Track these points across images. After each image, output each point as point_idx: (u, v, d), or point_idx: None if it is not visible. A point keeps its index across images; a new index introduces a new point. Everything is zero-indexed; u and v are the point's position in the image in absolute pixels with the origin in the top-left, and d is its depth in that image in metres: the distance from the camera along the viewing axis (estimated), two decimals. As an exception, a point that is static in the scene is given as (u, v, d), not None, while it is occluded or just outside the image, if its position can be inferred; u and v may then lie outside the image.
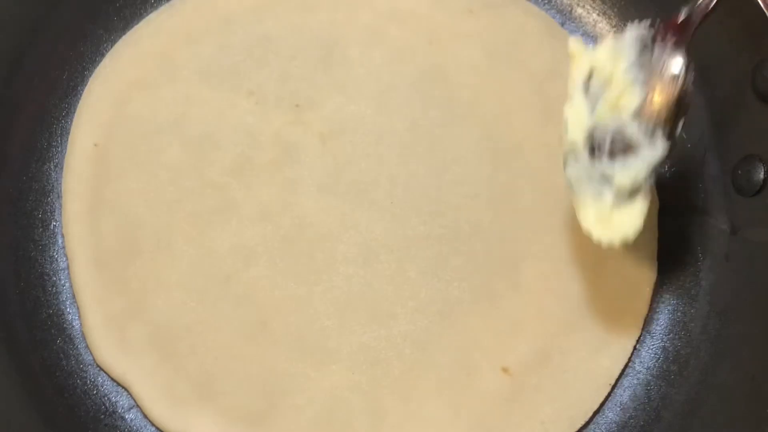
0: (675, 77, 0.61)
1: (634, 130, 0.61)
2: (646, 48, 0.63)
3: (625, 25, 0.77)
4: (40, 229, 0.71)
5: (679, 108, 0.61)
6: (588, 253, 0.70)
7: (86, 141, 0.72)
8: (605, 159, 0.61)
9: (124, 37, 0.76)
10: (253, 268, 0.69)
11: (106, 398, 0.67)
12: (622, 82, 0.62)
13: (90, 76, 0.75)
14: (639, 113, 0.61)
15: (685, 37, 0.62)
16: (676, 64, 0.62)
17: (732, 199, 0.68)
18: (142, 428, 0.66)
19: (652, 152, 0.60)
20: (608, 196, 0.61)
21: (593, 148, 0.62)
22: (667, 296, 0.71)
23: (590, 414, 0.67)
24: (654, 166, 0.60)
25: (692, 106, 0.68)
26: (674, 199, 0.73)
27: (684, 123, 0.62)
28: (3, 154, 0.71)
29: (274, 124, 0.73)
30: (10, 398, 0.63)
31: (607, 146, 0.61)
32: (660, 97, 0.61)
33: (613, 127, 0.61)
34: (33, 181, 0.72)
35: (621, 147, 0.61)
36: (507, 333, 0.68)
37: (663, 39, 0.63)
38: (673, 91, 0.61)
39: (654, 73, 0.62)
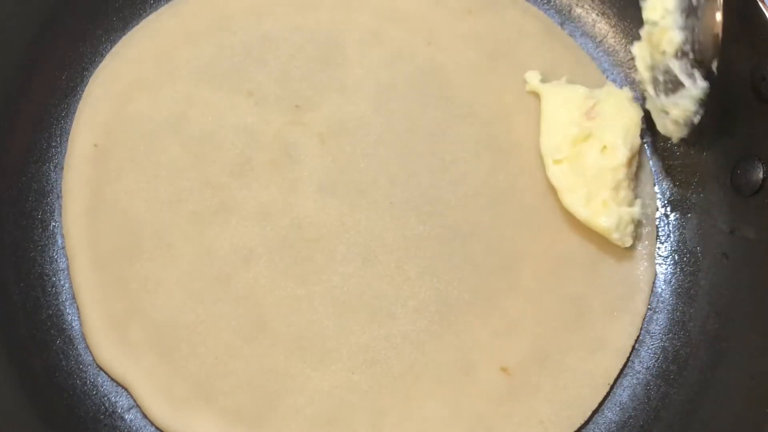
0: (709, 20, 0.65)
1: (677, 69, 0.65)
2: None
3: (624, 24, 0.78)
4: (40, 230, 0.71)
5: (713, 49, 0.65)
6: (587, 252, 0.70)
7: (86, 141, 0.72)
8: (662, 95, 0.67)
9: (123, 38, 0.76)
10: (252, 268, 0.69)
11: (105, 398, 0.67)
12: (665, 23, 0.66)
13: (90, 76, 0.75)
14: (679, 53, 0.65)
15: None
16: (710, 9, 0.65)
17: (731, 198, 0.68)
18: (141, 428, 0.66)
19: (694, 90, 0.65)
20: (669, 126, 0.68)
21: (655, 84, 0.67)
22: (667, 296, 0.71)
23: (589, 414, 0.67)
24: (697, 102, 0.65)
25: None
26: (673, 198, 0.73)
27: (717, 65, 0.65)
28: (3, 154, 0.71)
29: (273, 124, 0.73)
30: (10, 398, 0.63)
31: (661, 84, 0.67)
32: (700, 38, 0.65)
33: (663, 66, 0.67)
34: (33, 182, 0.72)
35: (671, 85, 0.66)
36: (506, 333, 0.68)
37: None
38: (706, 34, 0.65)
39: (690, 17, 0.65)
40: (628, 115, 0.71)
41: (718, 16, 0.64)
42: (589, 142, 0.70)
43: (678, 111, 0.66)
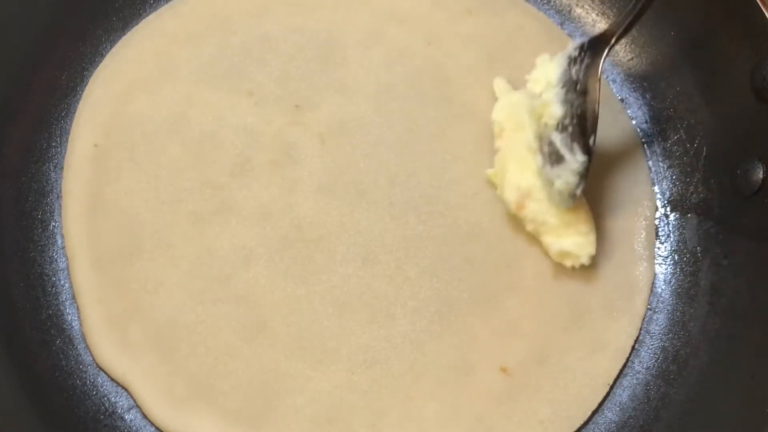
0: (584, 94, 0.66)
1: (558, 143, 0.66)
2: (568, 67, 0.68)
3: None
4: (40, 230, 0.71)
5: (591, 124, 0.66)
6: (587, 253, 0.70)
7: (86, 141, 0.72)
8: (548, 166, 0.66)
9: (123, 38, 0.76)
10: (252, 268, 0.69)
11: (105, 398, 0.67)
12: (547, 97, 0.67)
13: (90, 76, 0.75)
14: (560, 127, 0.66)
15: (597, 59, 0.67)
16: (588, 83, 0.67)
17: (731, 198, 0.68)
18: (141, 428, 0.66)
19: (574, 164, 0.65)
20: (555, 197, 0.66)
21: (542, 155, 0.67)
22: (666, 296, 0.71)
23: (589, 414, 0.67)
24: (577, 175, 0.65)
25: (691, 109, 0.70)
26: (673, 198, 0.73)
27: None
28: (3, 155, 0.71)
29: (273, 125, 0.73)
30: (10, 398, 0.63)
31: (546, 155, 0.66)
32: (578, 112, 0.66)
33: (547, 138, 0.67)
34: (33, 182, 0.72)
35: (555, 157, 0.66)
36: (506, 333, 0.68)
37: (581, 59, 0.68)
38: (584, 109, 0.66)
39: (570, 92, 0.67)
40: (521, 161, 0.69)
41: (595, 93, 0.66)
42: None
43: (560, 183, 0.65)
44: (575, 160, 0.65)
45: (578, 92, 0.66)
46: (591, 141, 0.65)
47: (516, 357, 0.67)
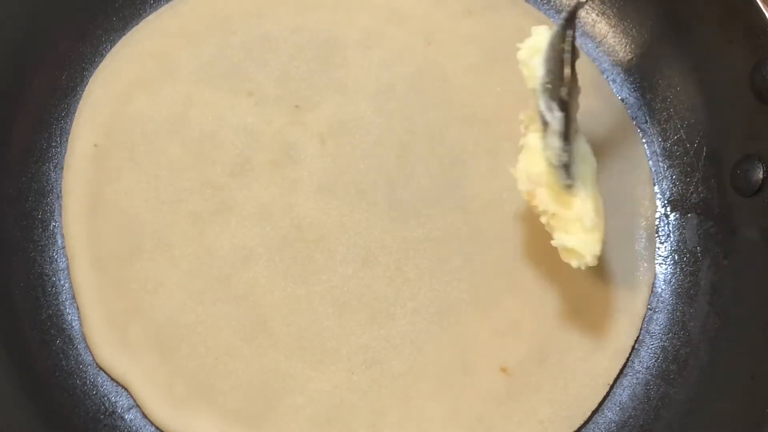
0: (560, 52, 0.64)
1: (542, 105, 0.63)
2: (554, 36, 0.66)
3: (624, 25, 0.78)
4: (40, 230, 0.71)
5: (563, 76, 0.64)
6: (587, 253, 0.70)
7: (86, 141, 0.72)
8: (543, 140, 0.64)
9: (123, 38, 0.76)
10: (252, 268, 0.69)
11: (105, 398, 0.67)
12: (534, 62, 0.65)
13: (90, 76, 0.75)
14: (543, 88, 0.64)
15: (573, 16, 0.65)
16: (562, 40, 0.65)
17: (731, 198, 0.68)
18: (141, 428, 0.66)
19: (554, 123, 0.63)
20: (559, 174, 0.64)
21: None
22: (666, 296, 0.71)
23: (589, 414, 0.67)
24: (559, 137, 0.62)
25: (691, 109, 0.69)
26: (673, 198, 0.73)
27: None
28: (3, 154, 0.71)
29: (273, 124, 0.73)
30: (10, 398, 0.63)
31: (541, 128, 0.64)
32: (548, 69, 0.64)
33: (538, 105, 0.64)
34: (33, 182, 0.72)
35: (545, 126, 0.64)
36: (505, 333, 0.68)
37: (565, 26, 0.65)
38: (557, 60, 0.64)
39: (550, 50, 0.65)
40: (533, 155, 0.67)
41: (568, 39, 0.64)
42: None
43: (548, 152, 0.63)
44: (553, 117, 0.63)
45: (556, 49, 0.65)
46: (563, 92, 0.63)
47: (516, 357, 0.67)
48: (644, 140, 0.75)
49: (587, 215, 0.64)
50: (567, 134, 0.63)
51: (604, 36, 0.78)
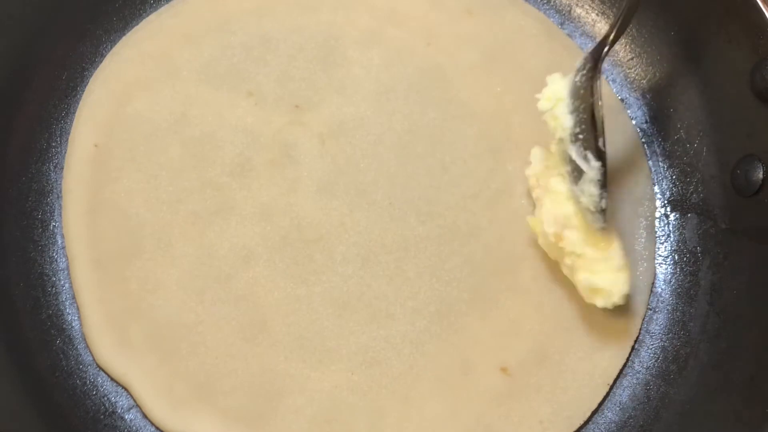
0: (588, 100, 0.66)
1: (574, 154, 0.65)
2: (574, 79, 0.67)
3: (624, 25, 0.78)
4: (40, 230, 0.71)
5: (595, 127, 0.65)
6: (587, 253, 0.70)
7: (86, 141, 0.72)
8: (573, 185, 0.66)
9: (124, 38, 0.76)
10: (252, 268, 0.69)
11: (105, 398, 0.67)
12: (557, 111, 0.67)
13: (90, 76, 0.75)
14: (573, 138, 0.65)
15: (597, 68, 0.67)
16: (591, 90, 0.66)
17: (731, 198, 0.68)
18: (141, 428, 0.66)
19: (591, 172, 0.64)
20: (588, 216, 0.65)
21: (569, 175, 0.66)
22: (666, 296, 0.71)
23: (589, 413, 0.67)
24: (597, 185, 0.64)
25: (691, 108, 0.69)
26: (673, 198, 0.73)
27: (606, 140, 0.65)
28: (3, 155, 0.71)
29: (273, 125, 0.73)
30: (10, 398, 0.63)
31: (570, 174, 0.66)
32: (584, 116, 0.65)
33: (566, 155, 0.66)
34: (33, 182, 0.72)
35: (576, 173, 0.65)
36: (505, 333, 0.68)
37: (584, 67, 0.67)
38: (587, 111, 0.65)
39: (576, 99, 0.66)
40: (561, 200, 0.67)
41: (597, 91, 0.65)
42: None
43: (585, 198, 0.64)
44: (590, 167, 0.64)
45: (582, 98, 0.66)
46: (600, 143, 0.64)
47: (516, 357, 0.67)
48: (644, 140, 0.75)
49: (617, 255, 0.65)
50: (605, 182, 0.64)
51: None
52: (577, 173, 0.65)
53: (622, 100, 0.76)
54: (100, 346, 0.67)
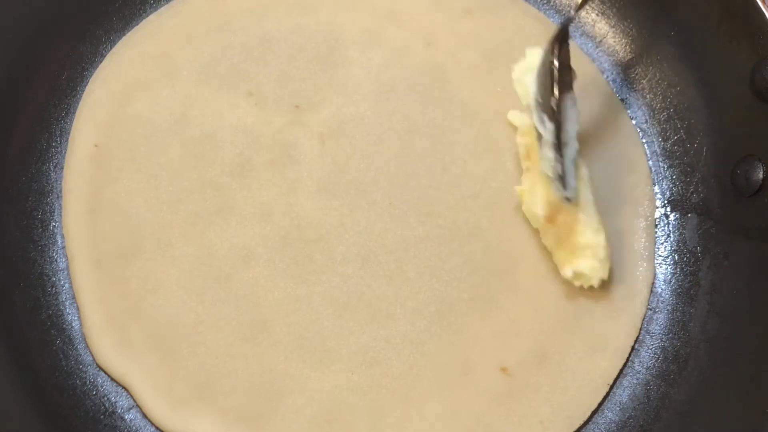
0: (550, 63, 0.66)
1: (535, 119, 0.66)
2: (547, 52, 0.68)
3: (624, 25, 0.78)
4: (40, 230, 0.71)
5: (551, 88, 0.66)
6: (587, 253, 0.70)
7: (86, 141, 0.72)
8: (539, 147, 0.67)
9: (124, 38, 0.76)
10: (252, 268, 0.69)
11: (105, 398, 0.67)
12: (527, 80, 0.68)
13: (90, 76, 0.75)
14: (535, 103, 0.67)
15: (563, 31, 0.68)
16: (552, 50, 0.67)
17: (731, 198, 0.68)
18: (141, 428, 0.66)
19: (546, 134, 0.65)
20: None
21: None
22: (666, 296, 0.71)
23: (589, 414, 0.67)
24: (552, 148, 0.65)
25: (691, 109, 0.69)
26: (673, 198, 0.73)
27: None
28: (3, 155, 0.71)
29: (273, 125, 0.73)
30: (10, 398, 0.63)
31: (537, 139, 0.67)
32: (539, 84, 0.67)
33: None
34: (33, 182, 0.72)
35: (539, 139, 0.66)
36: (505, 333, 0.68)
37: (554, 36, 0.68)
38: (548, 76, 0.66)
39: (540, 68, 0.67)
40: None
41: (557, 51, 0.66)
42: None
43: (545, 164, 0.65)
44: (545, 129, 0.65)
45: (546, 64, 0.66)
46: (553, 102, 0.65)
47: (516, 357, 0.67)
48: (644, 140, 0.75)
49: (600, 246, 0.66)
50: (559, 144, 0.64)
51: (604, 36, 0.78)
52: (540, 140, 0.66)
53: (622, 100, 0.76)
54: (100, 346, 0.67)
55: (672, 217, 0.73)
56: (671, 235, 0.72)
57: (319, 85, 0.74)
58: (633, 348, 0.69)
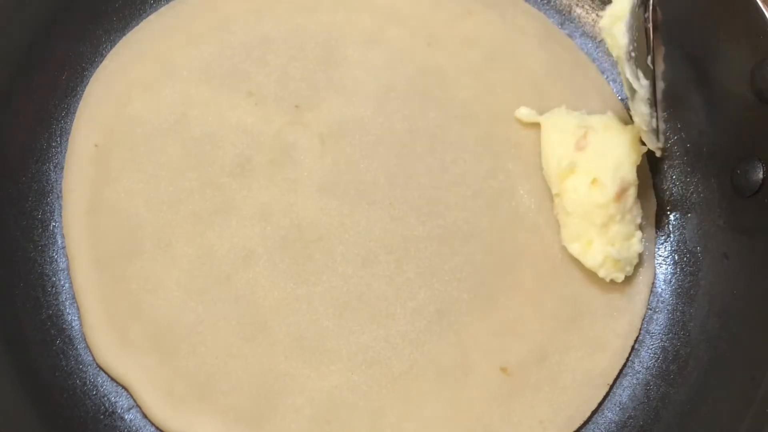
0: (644, 20, 0.66)
1: (628, 73, 0.65)
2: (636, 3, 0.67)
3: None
4: (40, 230, 0.71)
5: (646, 44, 0.66)
6: (587, 253, 0.70)
7: (86, 141, 0.72)
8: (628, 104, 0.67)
9: (124, 38, 0.76)
10: (252, 268, 0.69)
11: (105, 398, 0.67)
12: (617, 30, 0.66)
13: (90, 76, 0.75)
14: (627, 56, 0.65)
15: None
16: (645, 8, 0.66)
17: (731, 198, 0.68)
18: (141, 428, 0.66)
19: (641, 90, 0.65)
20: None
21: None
22: (667, 296, 0.71)
23: (588, 413, 0.67)
24: (647, 103, 0.65)
25: (691, 108, 0.69)
26: (673, 198, 0.73)
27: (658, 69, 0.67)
28: (3, 155, 0.71)
29: (273, 125, 0.73)
30: (10, 398, 0.63)
31: (628, 90, 0.66)
32: (631, 38, 0.65)
33: (623, 72, 0.66)
34: (33, 182, 0.72)
35: (630, 93, 0.66)
36: (505, 333, 0.68)
37: None
38: (639, 28, 0.65)
39: (632, 17, 0.66)
40: (621, 147, 0.69)
41: (649, 10, 0.65)
42: (578, 176, 0.68)
43: (638, 118, 0.65)
44: (640, 86, 0.65)
45: (637, 17, 0.66)
46: (649, 61, 0.65)
47: (516, 357, 0.67)
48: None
49: (638, 241, 0.68)
50: (654, 101, 0.65)
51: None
52: (630, 92, 0.66)
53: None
54: (100, 346, 0.67)
55: (672, 217, 0.73)
56: (671, 235, 0.72)
57: (319, 85, 0.74)
58: (633, 348, 0.69)
